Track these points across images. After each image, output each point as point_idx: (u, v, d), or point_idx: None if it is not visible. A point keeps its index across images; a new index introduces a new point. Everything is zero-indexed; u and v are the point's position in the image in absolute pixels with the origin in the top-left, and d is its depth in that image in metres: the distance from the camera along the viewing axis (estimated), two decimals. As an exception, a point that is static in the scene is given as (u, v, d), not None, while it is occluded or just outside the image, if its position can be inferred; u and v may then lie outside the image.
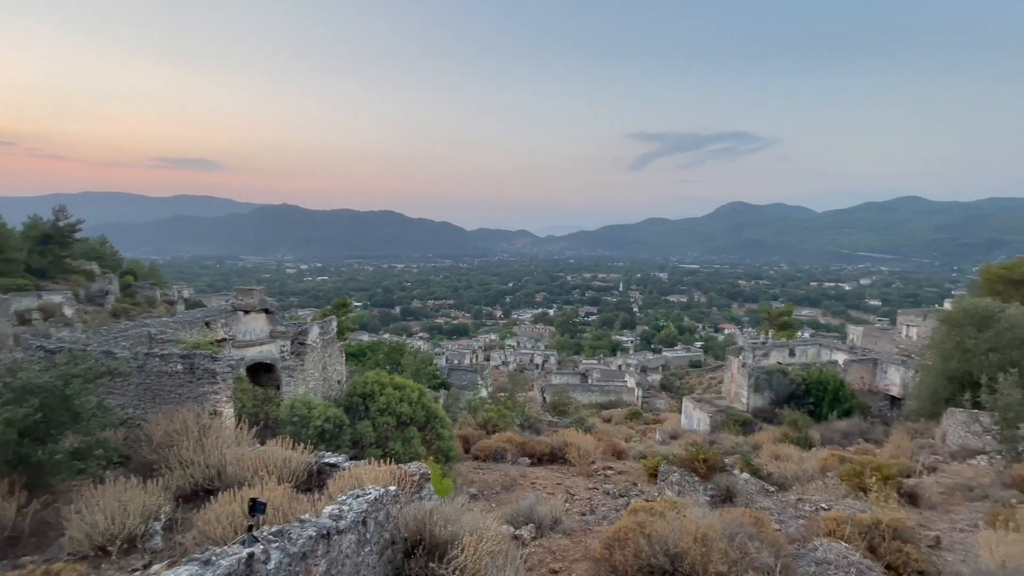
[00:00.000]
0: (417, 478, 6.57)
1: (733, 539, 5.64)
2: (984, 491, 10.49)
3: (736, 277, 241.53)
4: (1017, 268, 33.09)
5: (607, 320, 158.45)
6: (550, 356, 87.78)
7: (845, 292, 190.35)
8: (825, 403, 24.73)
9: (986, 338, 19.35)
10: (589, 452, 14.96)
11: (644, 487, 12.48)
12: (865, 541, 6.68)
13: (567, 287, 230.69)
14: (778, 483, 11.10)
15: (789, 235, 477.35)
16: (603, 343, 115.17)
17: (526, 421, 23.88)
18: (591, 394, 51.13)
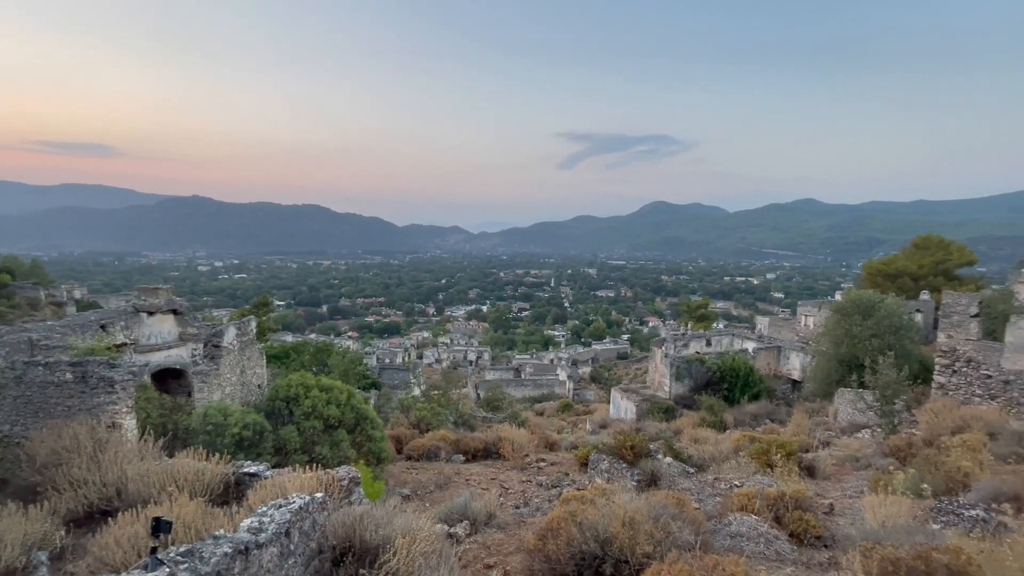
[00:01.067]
0: (346, 482, 6.33)
1: (658, 520, 5.94)
2: (868, 461, 11.85)
3: (659, 273, 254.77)
4: (892, 263, 37.63)
5: (539, 315, 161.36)
6: (484, 352, 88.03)
7: (754, 286, 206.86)
8: (737, 388, 26.78)
9: (869, 325, 21.82)
10: (522, 446, 15.18)
11: (576, 476, 12.87)
12: (772, 512, 7.30)
13: (500, 283, 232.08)
14: (697, 464, 11.86)
15: (705, 233, 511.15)
16: (536, 338, 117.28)
17: (460, 418, 23.77)
18: (524, 388, 51.91)
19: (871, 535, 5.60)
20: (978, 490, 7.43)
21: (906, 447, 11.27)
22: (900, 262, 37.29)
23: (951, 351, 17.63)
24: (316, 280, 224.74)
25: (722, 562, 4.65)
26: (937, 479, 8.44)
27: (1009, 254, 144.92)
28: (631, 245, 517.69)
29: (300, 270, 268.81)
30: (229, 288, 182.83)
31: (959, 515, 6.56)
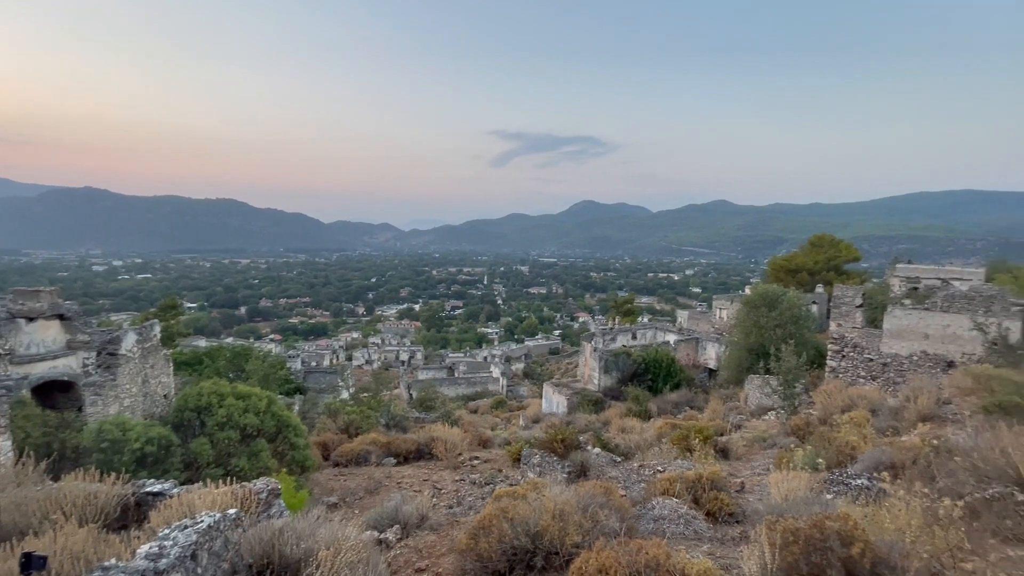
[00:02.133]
0: (265, 495, 5.94)
1: (586, 510, 6.11)
2: (774, 440, 12.95)
3: (588, 270, 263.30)
4: (793, 260, 41.38)
5: (473, 313, 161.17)
6: (416, 352, 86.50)
7: (675, 282, 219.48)
8: (660, 379, 28.28)
9: (773, 316, 23.87)
10: (456, 445, 15.08)
11: (509, 472, 12.99)
12: (691, 494, 7.77)
13: (433, 281, 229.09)
14: (624, 453, 12.39)
15: (631, 231, 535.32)
16: (469, 336, 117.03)
17: (392, 420, 23.18)
18: (458, 387, 51.64)
19: (776, 509, 6.10)
20: (863, 461, 8.34)
21: (805, 426, 12.44)
22: (799, 259, 41.13)
23: (841, 338, 19.70)
24: (233, 280, 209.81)
25: (645, 545, 4.87)
26: (830, 454, 9.36)
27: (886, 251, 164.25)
28: (562, 243, 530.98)
29: (215, 269, 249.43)
30: (131, 290, 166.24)
31: (848, 485, 7.32)
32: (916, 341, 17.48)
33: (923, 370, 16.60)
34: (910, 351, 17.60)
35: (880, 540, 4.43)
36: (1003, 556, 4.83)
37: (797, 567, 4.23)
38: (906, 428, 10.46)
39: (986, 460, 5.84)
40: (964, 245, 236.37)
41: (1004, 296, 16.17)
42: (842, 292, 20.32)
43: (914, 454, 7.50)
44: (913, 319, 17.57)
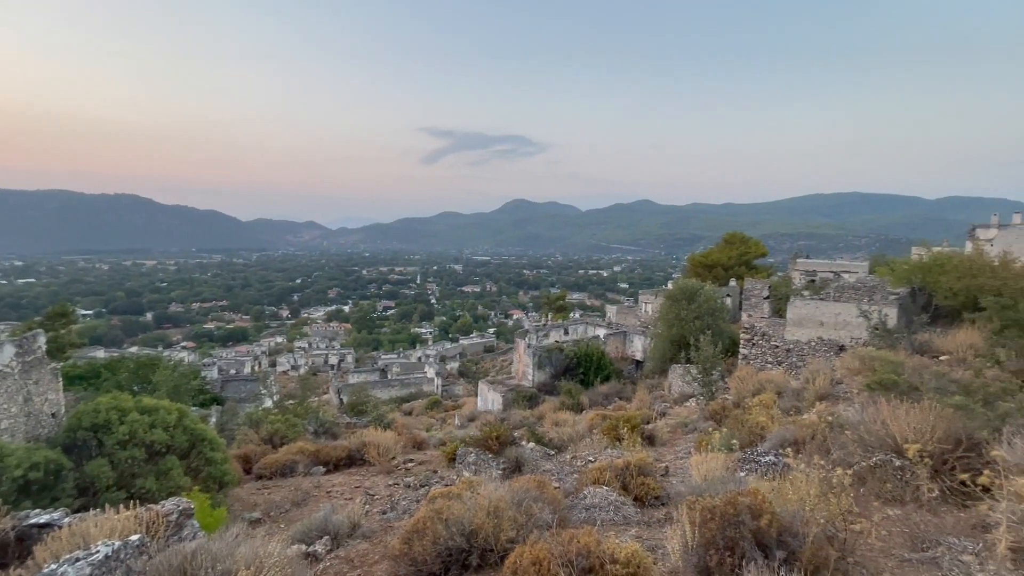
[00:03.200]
0: (175, 517, 5.47)
1: (520, 505, 6.19)
2: (694, 425, 13.80)
3: (521, 267, 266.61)
4: (709, 256, 44.29)
5: (406, 313, 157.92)
6: (347, 354, 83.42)
7: (604, 278, 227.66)
8: (591, 372, 29.26)
9: (693, 309, 25.44)
10: (389, 448, 14.71)
11: (445, 473, 12.86)
12: (620, 481, 8.09)
13: (363, 281, 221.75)
14: (557, 446, 12.68)
15: (561, 230, 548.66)
16: (402, 336, 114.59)
17: (321, 427, 22.18)
18: (391, 389, 50.39)
19: (696, 489, 6.49)
20: (770, 440, 9.10)
21: (721, 410, 13.37)
22: (715, 255, 44.12)
23: (751, 328, 21.37)
24: (137, 283, 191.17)
25: (577, 534, 5.01)
26: (743, 434, 10.13)
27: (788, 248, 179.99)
28: (495, 241, 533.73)
29: (115, 272, 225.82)
30: (10, 296, 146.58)
31: (758, 462, 7.95)
32: (814, 328, 19.38)
33: (820, 354, 18.42)
34: (809, 337, 19.48)
35: (784, 510, 4.85)
36: (884, 516, 5.48)
37: (714, 542, 4.54)
38: (806, 407, 11.54)
39: (870, 432, 6.57)
40: (852, 241, 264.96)
41: (883, 286, 18.32)
42: (751, 285, 22.08)
43: (812, 430, 8.28)
44: (811, 309, 19.45)
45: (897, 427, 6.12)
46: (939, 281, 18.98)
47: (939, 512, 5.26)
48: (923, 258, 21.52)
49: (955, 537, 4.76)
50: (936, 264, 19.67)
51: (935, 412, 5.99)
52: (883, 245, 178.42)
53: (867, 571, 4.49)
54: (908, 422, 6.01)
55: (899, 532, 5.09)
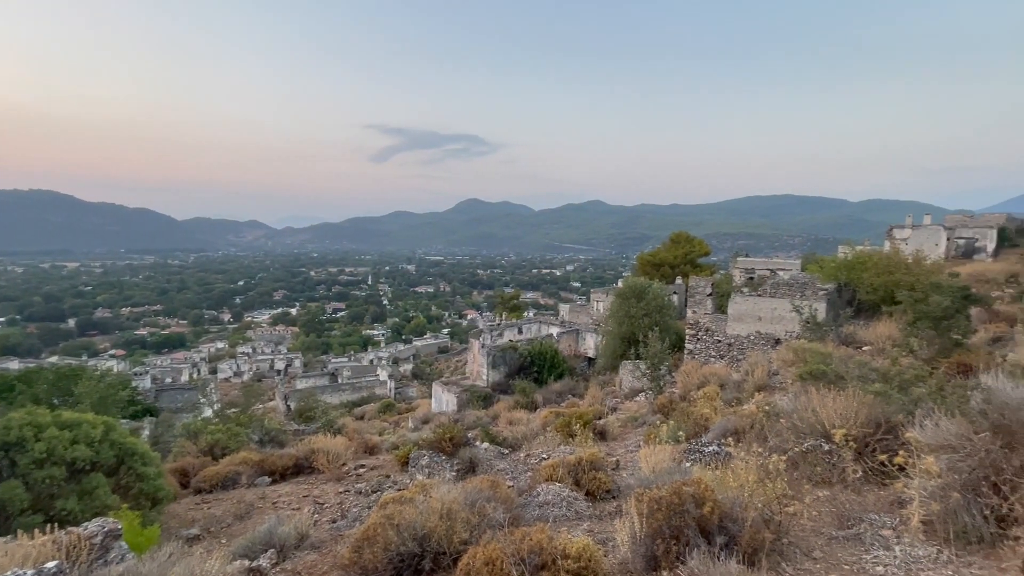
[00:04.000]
0: (100, 539, 5.07)
1: (474, 505, 6.16)
2: (644, 419, 14.24)
3: (475, 267, 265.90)
4: (657, 255, 45.82)
5: (357, 315, 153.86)
6: (294, 359, 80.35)
7: (557, 277, 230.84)
8: (545, 370, 29.59)
9: (642, 306, 26.23)
10: (339, 455, 14.28)
11: (398, 477, 12.63)
12: (572, 477, 8.21)
13: (311, 283, 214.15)
14: (512, 445, 12.73)
15: (515, 229, 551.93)
16: (353, 339, 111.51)
17: (266, 435, 21.22)
18: (342, 394, 48.96)
19: (644, 481, 6.69)
20: (714, 430, 9.53)
21: (669, 404, 13.86)
22: (662, 254, 45.70)
23: (696, 323, 22.29)
24: (57, 287, 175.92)
25: (530, 532, 5.05)
26: (689, 426, 10.54)
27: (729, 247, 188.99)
28: (448, 241, 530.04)
29: (30, 275, 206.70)
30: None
31: (702, 452, 8.30)
32: (752, 323, 20.45)
33: (758, 347, 19.47)
34: (748, 332, 20.54)
35: (726, 497, 5.08)
36: (815, 497, 5.85)
37: (661, 531, 4.69)
38: (746, 398, 12.16)
39: (802, 419, 7.00)
40: (786, 240, 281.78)
41: (814, 282, 19.60)
42: (696, 283, 23.04)
43: (752, 420, 8.73)
44: (749, 304, 20.52)
45: (825, 414, 6.55)
46: (861, 277, 20.56)
47: (862, 491, 5.67)
48: (848, 256, 23.23)
49: (876, 514, 5.16)
50: (859, 262, 21.29)
51: (858, 399, 6.45)
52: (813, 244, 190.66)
53: (799, 550, 4.78)
54: (835, 409, 6.45)
55: (828, 512, 5.45)
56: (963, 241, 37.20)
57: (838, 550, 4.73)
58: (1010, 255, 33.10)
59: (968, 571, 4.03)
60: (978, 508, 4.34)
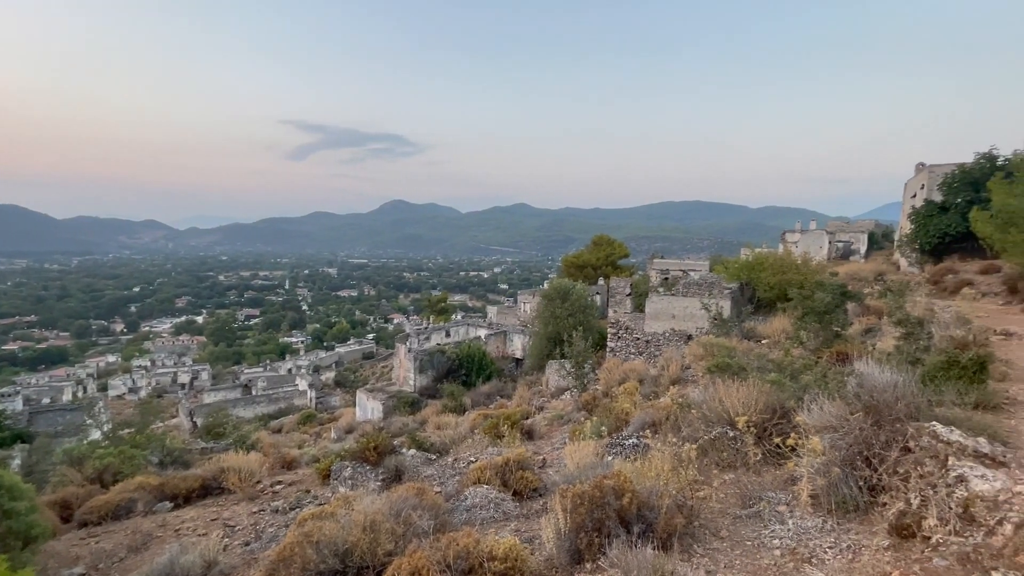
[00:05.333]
0: (-48, 590, 4.35)
1: (399, 515, 6.01)
2: (569, 416, 14.64)
3: (401, 270, 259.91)
4: (580, 257, 47.36)
5: (273, 322, 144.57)
6: (201, 371, 74.01)
7: (484, 279, 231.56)
8: (474, 372, 29.55)
9: (566, 307, 26.99)
10: (253, 472, 13.33)
11: (319, 491, 12.01)
12: (500, 478, 8.26)
13: (220, 288, 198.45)
14: (440, 450, 12.57)
15: (442, 231, 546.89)
16: (269, 347, 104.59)
17: (168, 456, 19.31)
18: (257, 406, 45.78)
19: (569, 478, 6.88)
20: (633, 424, 10.00)
21: (592, 400, 14.37)
22: (585, 256, 47.32)
23: (616, 322, 23.30)
24: None
25: (456, 537, 5.01)
26: (611, 421, 10.99)
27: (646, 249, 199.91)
28: (372, 243, 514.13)
29: None
30: None
31: (623, 445, 8.68)
32: (667, 321, 21.76)
33: (673, 344, 20.74)
34: (664, 329, 21.83)
35: (643, 487, 5.35)
36: (722, 481, 6.32)
37: (584, 525, 4.85)
38: (662, 391, 12.90)
39: (711, 409, 7.54)
40: (696, 243, 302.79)
41: (720, 282, 21.23)
42: (616, 284, 24.11)
43: (667, 412, 9.27)
44: (665, 303, 21.82)
45: (730, 403, 7.10)
46: (760, 277, 22.60)
47: (762, 472, 6.21)
48: (748, 258, 25.43)
49: (773, 491, 5.67)
50: (757, 263, 23.39)
51: (757, 388, 7.06)
52: (720, 246, 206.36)
53: (709, 531, 5.15)
54: (738, 398, 7.01)
55: (733, 493, 5.91)
56: (841, 244, 42.04)
57: (741, 528, 5.14)
58: (878, 256, 37.92)
59: (847, 536, 4.55)
60: (854, 480, 4.91)
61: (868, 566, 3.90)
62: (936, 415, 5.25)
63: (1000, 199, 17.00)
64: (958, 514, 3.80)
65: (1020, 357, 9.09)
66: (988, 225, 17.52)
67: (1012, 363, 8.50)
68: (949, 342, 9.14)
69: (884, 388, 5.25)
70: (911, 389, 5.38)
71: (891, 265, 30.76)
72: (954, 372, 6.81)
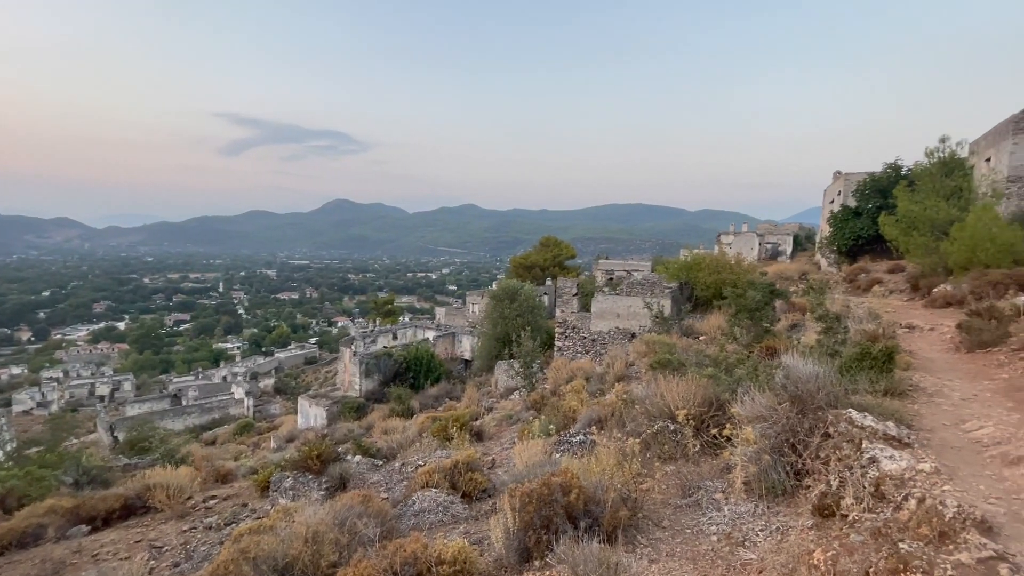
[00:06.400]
0: None
1: (344, 524, 5.82)
2: (518, 416, 14.74)
3: (345, 271, 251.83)
4: (528, 258, 47.83)
5: (206, 327, 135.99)
6: (123, 381, 68.56)
7: (433, 280, 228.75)
8: (422, 375, 29.13)
9: (515, 307, 27.17)
10: (183, 488, 12.48)
11: (257, 504, 11.43)
12: (448, 481, 8.18)
13: (145, 291, 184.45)
14: (387, 455, 12.28)
15: (388, 232, 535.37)
16: (201, 354, 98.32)
17: (84, 475, 17.70)
18: (188, 417, 42.90)
19: (518, 477, 6.91)
20: (581, 421, 10.20)
21: (541, 399, 14.53)
22: (533, 257, 47.83)
23: (564, 322, 23.71)
24: None
25: (404, 543, 4.91)
26: (559, 419, 11.16)
27: (592, 250, 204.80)
28: (315, 244, 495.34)
29: None
30: None
31: (570, 443, 8.84)
32: (612, 320, 22.40)
33: (618, 342, 21.36)
34: (609, 328, 22.45)
35: (589, 483, 5.47)
36: (664, 472, 6.57)
37: (532, 523, 4.89)
38: (608, 388, 13.25)
39: (653, 404, 7.82)
40: (640, 244, 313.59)
41: (661, 282, 22.10)
42: (563, 284, 24.53)
43: (613, 408, 9.53)
44: (610, 303, 22.44)
45: (671, 397, 7.39)
46: (697, 277, 23.72)
47: (700, 462, 6.51)
48: (687, 259, 26.63)
49: (711, 481, 5.96)
50: (695, 263, 24.55)
51: (696, 382, 7.40)
52: (661, 248, 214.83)
53: (652, 521, 5.33)
54: (678, 392, 7.32)
55: (674, 484, 6.15)
56: (770, 245, 44.92)
57: (682, 517, 5.36)
58: (802, 257, 40.83)
59: (776, 519, 4.85)
60: (782, 466, 5.25)
61: (794, 545, 4.17)
62: (852, 402, 5.70)
63: (904, 205, 18.78)
64: (871, 492, 4.15)
65: (922, 348, 10.06)
66: (894, 229, 19.30)
67: (915, 353, 9.39)
68: (862, 335, 9.98)
69: (807, 379, 5.64)
70: (830, 379, 5.82)
71: (813, 265, 33.23)
72: (866, 363, 7.43)
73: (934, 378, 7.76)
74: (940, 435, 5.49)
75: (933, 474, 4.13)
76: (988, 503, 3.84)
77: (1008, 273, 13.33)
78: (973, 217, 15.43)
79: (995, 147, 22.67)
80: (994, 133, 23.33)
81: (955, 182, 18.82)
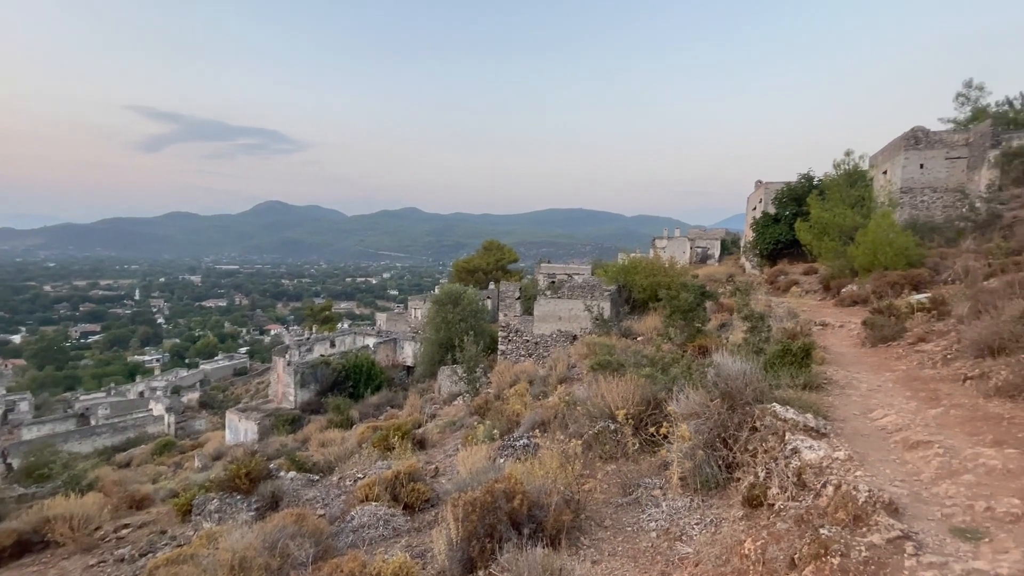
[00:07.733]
0: None
1: (275, 547, 5.47)
2: (462, 422, 14.56)
3: (279, 277, 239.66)
4: (471, 262, 47.69)
5: (119, 338, 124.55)
6: (19, 401, 61.11)
7: (373, 285, 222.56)
8: (362, 383, 28.18)
9: (458, 312, 26.94)
10: (90, 517, 11.27)
11: (177, 531, 10.52)
12: (390, 493, 7.91)
13: (46, 300, 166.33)
14: (323, 469, 11.72)
15: (325, 235, 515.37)
16: (115, 368, 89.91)
17: (-33, 510, 15.56)
18: (98, 438, 38.96)
19: (462, 485, 6.79)
20: (524, 424, 10.22)
21: (484, 404, 14.44)
22: (476, 260, 47.74)
23: (507, 326, 23.77)
24: None
25: (340, 563, 4.68)
26: (503, 423, 11.12)
27: (535, 254, 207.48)
28: (244, 247, 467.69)
29: None
30: None
31: (514, 447, 8.81)
32: (554, 322, 22.74)
33: (559, 344, 21.71)
34: (551, 330, 22.77)
35: (533, 487, 5.46)
36: (605, 472, 6.70)
37: (476, 532, 4.80)
38: (551, 391, 13.39)
39: (594, 405, 7.97)
40: (580, 248, 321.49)
41: (600, 285, 22.71)
42: (506, 288, 24.62)
43: (555, 410, 9.62)
44: (552, 306, 22.77)
45: (611, 398, 7.56)
46: (634, 279, 24.58)
47: (639, 460, 6.69)
48: (624, 262, 27.55)
49: (649, 478, 6.13)
50: (632, 266, 25.44)
51: (634, 382, 7.61)
52: (600, 252, 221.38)
53: (594, 522, 5.40)
54: (618, 393, 7.50)
55: (615, 483, 6.28)
56: (700, 249, 47.45)
57: (623, 515, 5.47)
58: (729, 260, 43.46)
59: (710, 512, 5.06)
60: (715, 460, 5.49)
61: (727, 536, 4.36)
62: (776, 397, 6.07)
63: (815, 213, 20.47)
64: (794, 482, 4.42)
65: (834, 343, 10.94)
66: (808, 234, 20.97)
67: (828, 348, 10.19)
68: (783, 333, 10.71)
69: (736, 376, 5.95)
70: (757, 376, 6.17)
71: (739, 268, 35.44)
72: (787, 359, 7.97)
73: (845, 371, 8.44)
74: (851, 424, 5.96)
75: (847, 461, 4.46)
76: (894, 486, 4.19)
77: (904, 274, 14.84)
78: (873, 224, 17.05)
79: (891, 161, 25.25)
80: (890, 148, 25.99)
81: (858, 192, 20.74)
